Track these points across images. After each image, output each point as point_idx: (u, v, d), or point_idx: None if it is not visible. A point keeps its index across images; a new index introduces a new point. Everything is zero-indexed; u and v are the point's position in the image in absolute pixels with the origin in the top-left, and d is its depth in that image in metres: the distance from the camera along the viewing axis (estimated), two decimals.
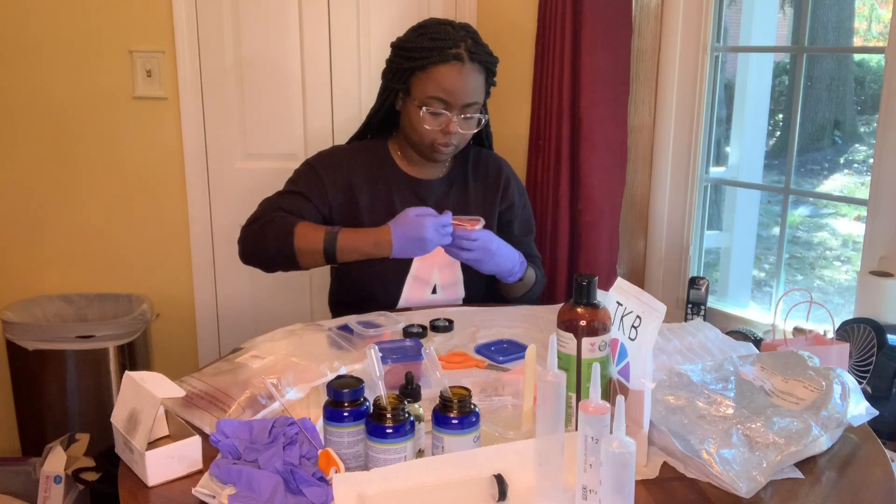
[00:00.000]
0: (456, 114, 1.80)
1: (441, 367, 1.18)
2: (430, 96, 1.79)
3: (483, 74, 1.84)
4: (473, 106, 1.82)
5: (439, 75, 1.78)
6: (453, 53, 1.78)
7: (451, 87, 1.78)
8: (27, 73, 2.58)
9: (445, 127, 1.81)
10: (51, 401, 2.54)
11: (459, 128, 1.82)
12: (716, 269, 3.00)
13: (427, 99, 1.80)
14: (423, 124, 1.81)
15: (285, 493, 1.04)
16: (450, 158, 1.96)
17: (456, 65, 1.78)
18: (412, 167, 1.95)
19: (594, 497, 1.01)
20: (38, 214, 2.69)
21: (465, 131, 1.84)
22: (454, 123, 1.80)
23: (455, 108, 1.80)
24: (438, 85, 1.78)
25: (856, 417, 1.25)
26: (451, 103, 1.79)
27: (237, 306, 2.78)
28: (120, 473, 1.17)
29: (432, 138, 1.82)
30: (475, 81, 1.81)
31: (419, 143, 1.85)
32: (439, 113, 1.80)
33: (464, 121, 1.83)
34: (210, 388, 1.32)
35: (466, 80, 1.79)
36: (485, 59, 1.83)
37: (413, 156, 1.93)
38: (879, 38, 5.10)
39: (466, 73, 1.79)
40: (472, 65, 1.80)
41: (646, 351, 1.14)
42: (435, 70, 1.79)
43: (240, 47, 2.61)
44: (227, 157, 2.69)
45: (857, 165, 5.48)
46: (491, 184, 1.99)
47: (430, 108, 1.80)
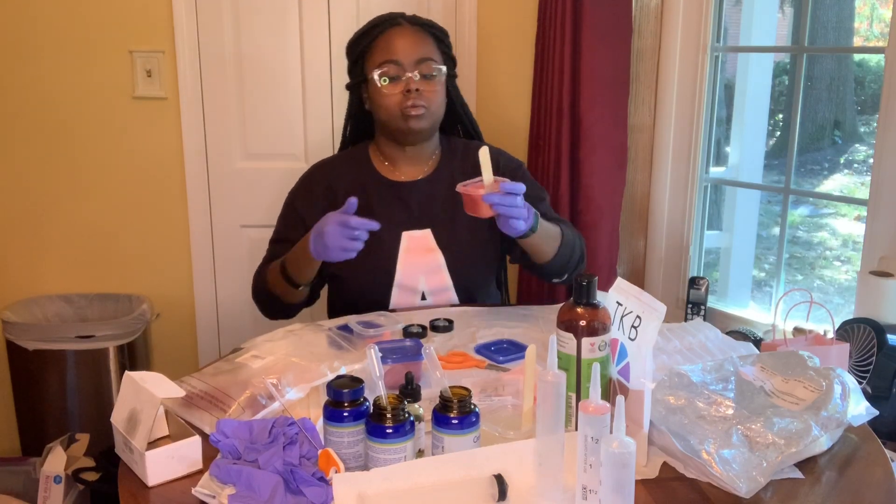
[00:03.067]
0: (411, 71, 1.78)
1: (441, 367, 1.18)
2: (381, 62, 1.79)
3: (430, 37, 1.84)
4: (428, 62, 1.80)
5: (383, 43, 1.81)
6: (391, 22, 1.83)
7: (395, 46, 1.79)
8: (27, 73, 2.58)
9: (406, 86, 1.78)
10: (51, 401, 2.54)
11: (420, 86, 1.78)
12: (716, 269, 3.00)
13: (379, 66, 1.79)
14: (384, 92, 1.79)
15: (285, 493, 1.04)
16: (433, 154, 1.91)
17: (395, 28, 1.82)
18: (394, 170, 1.90)
19: (594, 497, 1.01)
20: (38, 214, 2.69)
21: (427, 89, 1.79)
22: (412, 79, 1.77)
23: (408, 67, 1.78)
24: (384, 50, 1.80)
25: (856, 417, 1.25)
26: (402, 61, 1.78)
27: (237, 306, 2.78)
28: (120, 473, 1.17)
29: (398, 103, 1.78)
30: (420, 39, 1.82)
31: (389, 119, 1.81)
32: (395, 77, 1.78)
33: (424, 79, 1.79)
34: (210, 388, 1.32)
35: (410, 37, 1.80)
36: (425, 23, 1.85)
37: (393, 155, 1.89)
38: (880, 37, 5.10)
39: (408, 32, 1.81)
40: (412, 27, 1.83)
41: (646, 351, 1.14)
42: (378, 42, 1.82)
43: (240, 47, 2.61)
44: (227, 157, 2.69)
45: (857, 165, 5.48)
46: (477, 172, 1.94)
47: (383, 74, 1.79)
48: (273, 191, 2.71)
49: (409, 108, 1.78)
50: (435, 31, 1.86)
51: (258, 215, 2.73)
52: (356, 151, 1.94)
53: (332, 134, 2.69)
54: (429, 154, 1.91)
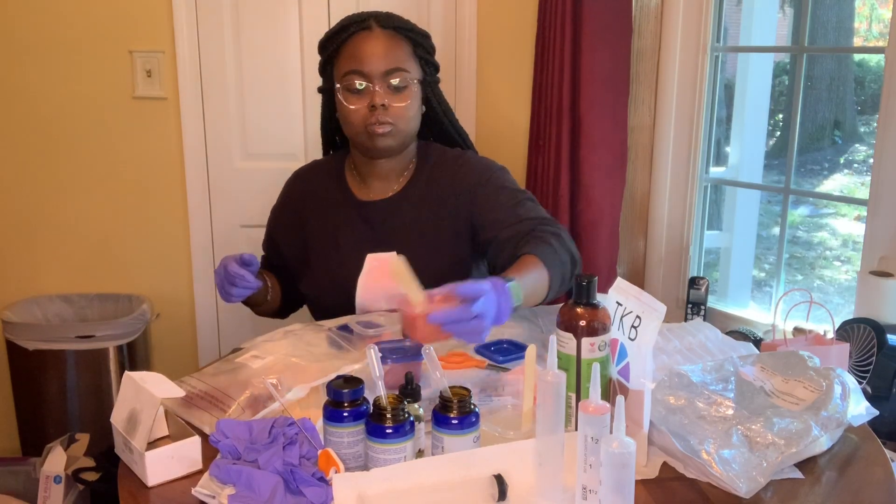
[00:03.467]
0: (378, 83, 1.65)
1: (441, 367, 1.18)
2: (346, 72, 1.67)
3: (405, 42, 1.70)
4: (398, 73, 1.66)
5: (350, 49, 1.68)
6: (361, 26, 1.68)
7: (362, 56, 1.65)
8: (28, 73, 2.58)
9: (371, 100, 1.65)
10: (51, 401, 2.54)
11: (387, 100, 1.65)
12: (716, 269, 3.00)
13: (344, 77, 1.67)
14: (349, 105, 1.67)
15: (285, 493, 1.04)
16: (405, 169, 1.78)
17: (363, 33, 1.67)
18: (363, 187, 1.79)
19: (594, 497, 1.01)
20: (38, 214, 2.69)
21: (395, 103, 1.66)
22: (378, 94, 1.64)
23: (375, 78, 1.65)
24: (350, 58, 1.67)
25: (856, 417, 1.25)
26: (368, 73, 1.65)
27: (237, 306, 2.77)
28: (120, 473, 1.17)
29: (362, 119, 1.66)
30: (391, 46, 1.67)
31: (353, 133, 1.70)
32: (360, 89, 1.66)
33: (391, 93, 1.66)
34: (210, 388, 1.32)
35: (378, 46, 1.66)
36: (399, 24, 1.70)
37: (364, 170, 1.78)
38: (880, 37, 5.10)
39: (377, 38, 1.67)
40: (382, 31, 1.68)
41: (646, 351, 1.14)
42: (345, 47, 1.69)
43: (240, 47, 2.61)
44: (227, 157, 2.69)
45: (857, 165, 5.48)
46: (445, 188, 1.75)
47: (348, 84, 1.67)
48: (273, 191, 2.70)
49: (373, 126, 1.66)
50: (412, 34, 1.71)
51: (258, 215, 2.72)
52: (332, 162, 1.87)
53: None
54: (402, 167, 1.79)
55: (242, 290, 1.63)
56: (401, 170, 1.79)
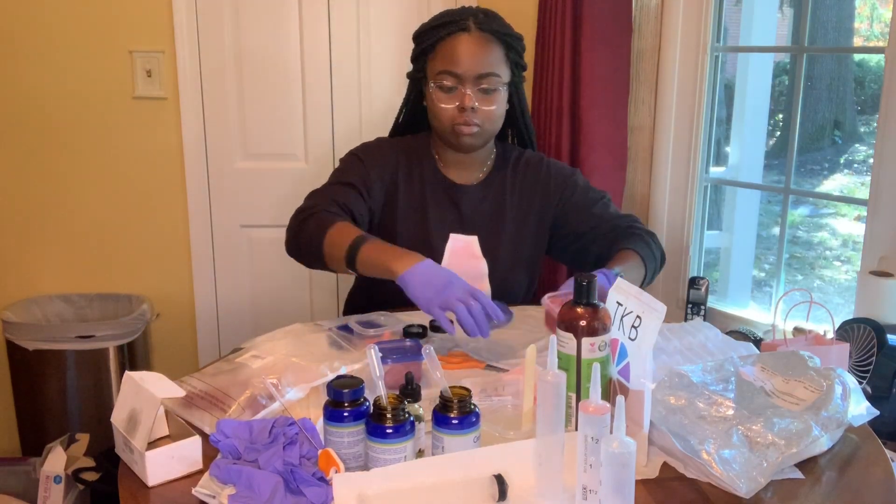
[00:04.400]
0: (470, 87, 1.72)
1: (441, 367, 1.18)
2: (440, 71, 1.73)
3: (499, 46, 1.75)
4: (489, 78, 1.72)
5: (446, 48, 1.73)
6: (459, 26, 1.72)
7: (457, 57, 1.71)
8: (27, 73, 2.59)
9: (461, 102, 1.72)
10: (51, 401, 2.54)
11: (477, 102, 1.72)
12: (716, 269, 3.00)
13: (438, 75, 1.73)
14: (439, 103, 1.74)
15: (285, 493, 1.04)
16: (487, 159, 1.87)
17: (462, 35, 1.72)
18: (449, 169, 1.86)
19: (594, 497, 1.01)
20: (38, 214, 2.69)
21: (483, 106, 1.73)
22: (468, 96, 1.71)
23: (467, 81, 1.72)
24: (446, 58, 1.72)
25: (856, 417, 1.25)
26: (462, 75, 1.71)
27: (237, 306, 2.78)
28: (120, 473, 1.17)
29: (451, 118, 1.74)
30: (486, 50, 1.72)
31: (440, 128, 1.77)
32: (452, 88, 1.73)
33: (481, 94, 1.73)
34: (210, 388, 1.32)
35: (474, 49, 1.71)
36: (498, 29, 1.74)
37: (448, 157, 1.85)
38: (880, 37, 5.10)
39: (474, 42, 1.72)
40: (480, 34, 1.73)
41: (646, 351, 1.14)
42: (442, 45, 1.73)
43: (240, 47, 2.61)
44: (227, 157, 2.69)
45: (857, 165, 5.48)
46: (530, 188, 1.87)
47: (440, 83, 1.73)
48: (273, 191, 2.72)
49: (461, 126, 1.74)
50: (507, 38, 1.75)
51: (258, 215, 2.73)
52: (416, 142, 1.89)
53: (331, 134, 2.70)
54: (482, 160, 1.87)
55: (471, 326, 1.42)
56: (482, 161, 1.87)
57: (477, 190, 1.86)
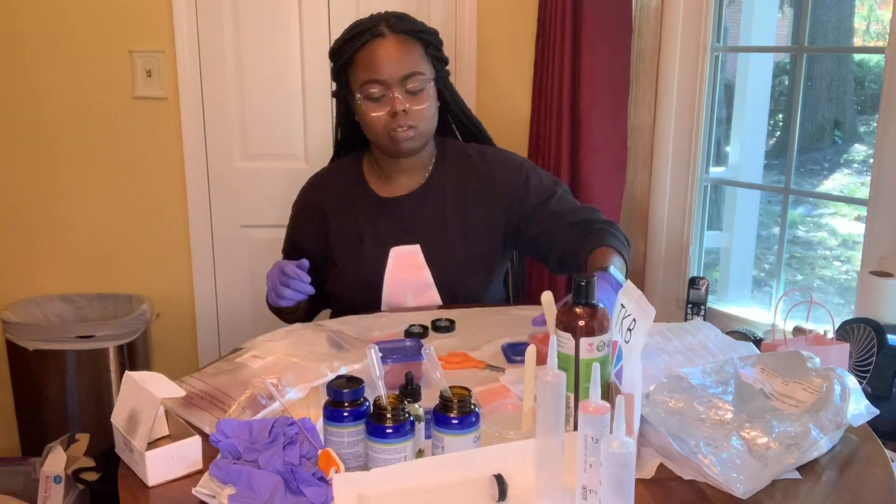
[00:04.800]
0: (397, 90, 1.69)
1: (441, 367, 1.18)
2: (364, 82, 1.70)
3: (417, 45, 1.73)
4: (414, 77, 1.70)
5: (365, 57, 1.70)
6: (373, 32, 1.70)
7: (378, 64, 1.68)
8: (27, 73, 2.59)
9: (392, 107, 1.69)
10: (51, 401, 2.54)
11: (407, 104, 1.69)
12: (716, 269, 3.00)
13: (363, 86, 1.70)
14: (369, 113, 1.71)
15: (285, 493, 1.04)
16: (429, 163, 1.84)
17: (377, 41, 1.70)
18: (386, 184, 1.84)
19: (594, 497, 1.01)
20: (38, 214, 2.69)
21: (414, 107, 1.71)
22: (398, 100, 1.68)
23: (393, 85, 1.69)
24: (367, 67, 1.70)
25: (856, 417, 1.25)
26: (386, 80, 1.69)
27: (237, 306, 2.78)
28: (120, 473, 1.17)
29: (384, 126, 1.71)
30: (405, 51, 1.70)
31: (376, 138, 1.75)
32: (380, 96, 1.70)
33: (410, 96, 1.70)
34: (210, 388, 1.32)
35: (393, 52, 1.69)
36: (411, 28, 1.73)
37: (388, 168, 1.83)
38: (879, 38, 5.10)
39: (392, 45, 1.70)
40: (395, 35, 1.71)
41: (635, 355, 1.13)
42: (360, 55, 1.71)
43: (240, 47, 2.61)
44: (227, 157, 2.69)
45: (857, 165, 5.48)
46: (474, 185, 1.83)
47: (367, 93, 1.70)
48: (273, 191, 2.72)
49: (396, 131, 1.71)
50: (422, 34, 1.75)
51: (258, 215, 2.73)
52: (350, 164, 1.89)
53: (332, 134, 2.70)
54: (425, 162, 1.84)
55: (295, 293, 1.64)
56: (424, 165, 1.85)
57: (414, 198, 1.82)
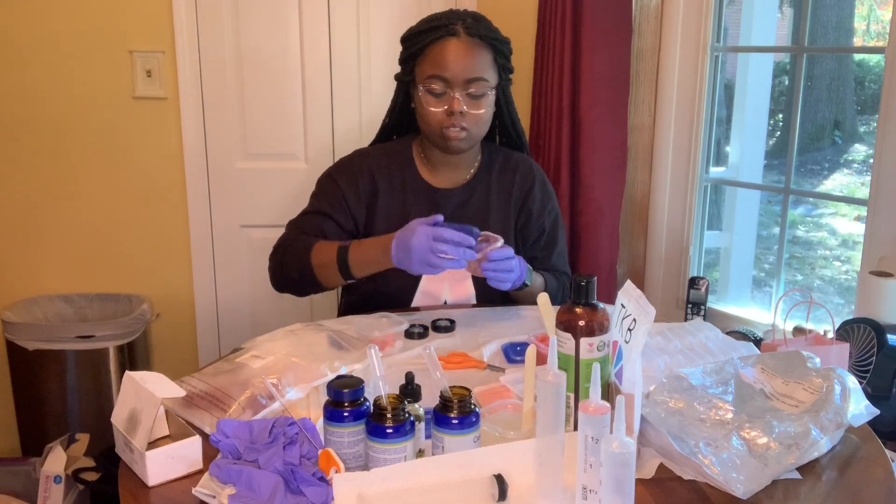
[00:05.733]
0: (458, 91, 1.73)
1: (441, 367, 1.18)
2: (429, 76, 1.74)
3: (488, 51, 1.76)
4: (477, 82, 1.74)
5: (435, 53, 1.73)
6: (449, 30, 1.73)
7: (446, 62, 1.72)
8: (27, 73, 2.59)
9: (449, 106, 1.73)
10: (51, 401, 2.54)
11: (466, 106, 1.73)
12: (716, 269, 3.00)
13: (427, 80, 1.74)
14: (427, 107, 1.75)
15: (285, 492, 1.04)
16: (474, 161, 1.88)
17: (451, 40, 1.73)
18: (433, 174, 1.87)
19: (594, 497, 1.01)
20: (38, 214, 2.69)
21: (472, 110, 1.74)
22: (457, 100, 1.72)
23: (456, 86, 1.73)
24: (435, 62, 1.73)
25: (856, 417, 1.25)
26: (450, 80, 1.72)
27: (237, 306, 2.78)
28: (120, 473, 1.17)
29: (439, 122, 1.75)
30: (475, 56, 1.74)
31: (429, 132, 1.78)
32: (441, 93, 1.73)
33: (470, 99, 1.74)
34: (210, 388, 1.32)
35: (463, 54, 1.72)
36: (486, 34, 1.75)
37: (435, 159, 1.86)
38: (878, 38, 5.10)
39: (463, 47, 1.73)
40: (469, 38, 1.74)
41: (634, 355, 1.13)
42: (431, 49, 1.74)
43: (240, 47, 2.61)
44: (227, 157, 2.69)
45: (857, 165, 5.48)
46: (513, 191, 1.90)
47: (429, 87, 1.74)
48: (273, 191, 2.72)
49: (449, 130, 1.74)
50: (495, 42, 1.77)
51: (258, 215, 2.73)
52: (399, 147, 1.90)
53: (331, 134, 2.70)
54: (470, 162, 1.88)
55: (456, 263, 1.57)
56: (469, 163, 1.89)
57: (460, 193, 1.87)
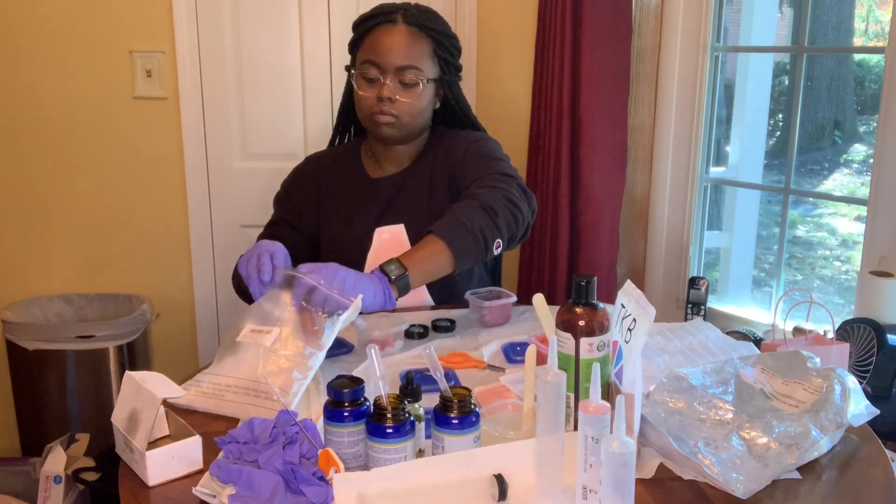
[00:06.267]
0: (390, 77, 1.73)
1: (441, 367, 1.18)
2: (363, 61, 1.76)
3: (426, 41, 1.77)
4: (410, 70, 1.74)
5: (372, 39, 1.76)
6: (386, 17, 1.75)
7: (379, 48, 1.73)
8: (27, 73, 2.58)
9: (379, 92, 1.73)
10: (51, 401, 2.54)
11: (396, 94, 1.74)
12: (716, 269, 3.00)
13: (361, 64, 1.76)
14: (359, 91, 1.76)
15: (285, 492, 1.04)
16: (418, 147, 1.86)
17: (387, 26, 1.75)
18: (375, 165, 1.88)
19: (594, 497, 1.01)
20: (38, 214, 2.69)
21: (402, 98, 1.74)
22: (387, 87, 1.73)
23: (388, 72, 1.73)
24: (370, 47, 1.75)
25: (856, 417, 1.25)
26: (382, 65, 1.73)
27: (237, 306, 2.77)
28: (120, 473, 1.17)
29: (370, 107, 1.75)
30: (409, 43, 1.74)
31: (362, 117, 1.80)
32: (373, 78, 1.74)
33: (401, 87, 1.74)
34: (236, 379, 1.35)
35: (397, 40, 1.73)
36: (424, 23, 1.76)
37: (377, 151, 1.87)
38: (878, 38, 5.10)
39: (398, 34, 1.74)
40: (405, 27, 1.75)
41: (635, 355, 1.13)
42: (369, 35, 1.77)
43: (240, 47, 2.61)
44: (227, 157, 2.69)
45: (857, 165, 5.48)
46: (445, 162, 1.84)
47: (363, 72, 1.75)
48: (273, 191, 2.71)
49: (377, 115, 1.75)
50: (435, 33, 1.78)
51: (258, 215, 2.72)
52: (346, 148, 1.95)
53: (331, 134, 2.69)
54: (415, 151, 1.88)
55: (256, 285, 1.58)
56: (414, 153, 1.88)
57: (397, 178, 1.86)
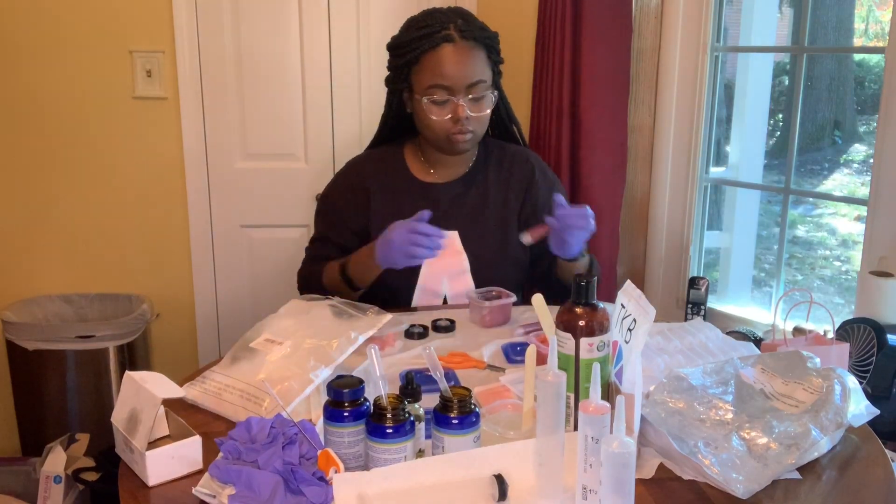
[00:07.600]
0: (462, 97, 1.73)
1: (441, 367, 1.18)
2: (430, 86, 1.73)
3: (482, 51, 1.76)
4: (478, 85, 1.74)
5: (433, 62, 1.73)
6: (442, 36, 1.72)
7: (447, 71, 1.71)
8: (28, 73, 2.58)
9: (454, 113, 1.73)
10: (51, 401, 2.54)
11: (469, 110, 1.74)
12: (716, 269, 3.00)
13: (428, 89, 1.73)
14: (431, 115, 1.74)
15: (285, 493, 1.04)
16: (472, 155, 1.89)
17: (447, 46, 1.72)
18: (429, 171, 1.88)
19: (594, 497, 1.01)
20: (38, 214, 2.69)
21: (476, 113, 1.76)
22: (462, 107, 1.72)
23: (459, 92, 1.72)
24: (434, 72, 1.72)
25: (856, 417, 1.25)
26: (453, 87, 1.72)
27: (237, 306, 2.78)
28: (120, 473, 1.17)
29: (445, 129, 1.75)
30: (473, 59, 1.74)
31: (435, 138, 1.78)
32: (444, 101, 1.73)
33: (472, 102, 1.75)
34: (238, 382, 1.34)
35: (462, 59, 1.72)
36: (479, 34, 1.76)
37: (434, 158, 1.86)
38: (877, 38, 5.10)
39: (461, 52, 1.73)
40: (465, 42, 1.73)
41: (635, 355, 1.13)
42: (427, 58, 1.73)
43: (240, 47, 2.61)
44: (227, 157, 2.69)
45: (857, 165, 5.48)
46: (511, 182, 1.89)
47: (432, 97, 1.73)
48: (273, 191, 2.72)
49: (456, 135, 1.75)
50: (487, 40, 1.77)
51: (258, 215, 2.73)
52: (389, 151, 1.91)
53: (331, 134, 2.70)
54: (468, 156, 1.89)
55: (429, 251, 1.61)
56: (469, 158, 1.90)
57: (457, 185, 1.87)
